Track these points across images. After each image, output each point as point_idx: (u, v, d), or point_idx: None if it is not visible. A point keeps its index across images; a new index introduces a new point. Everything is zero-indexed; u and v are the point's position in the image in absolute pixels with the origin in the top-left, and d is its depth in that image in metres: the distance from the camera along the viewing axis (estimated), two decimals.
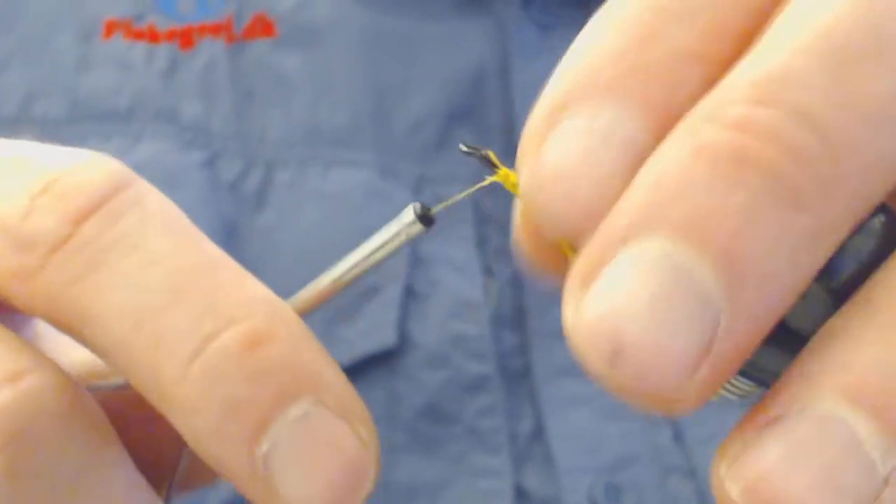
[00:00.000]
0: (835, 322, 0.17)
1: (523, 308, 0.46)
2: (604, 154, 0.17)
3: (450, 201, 0.22)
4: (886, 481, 0.16)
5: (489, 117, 0.49)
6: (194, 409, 0.19)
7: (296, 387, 0.20)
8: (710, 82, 0.17)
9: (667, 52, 0.18)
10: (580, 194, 0.17)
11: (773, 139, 0.16)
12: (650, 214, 0.16)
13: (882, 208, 0.18)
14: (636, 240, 0.16)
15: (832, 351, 0.16)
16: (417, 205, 0.21)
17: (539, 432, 0.44)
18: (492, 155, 0.20)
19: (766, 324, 0.16)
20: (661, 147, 0.17)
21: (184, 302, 0.20)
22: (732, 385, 0.20)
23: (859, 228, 0.17)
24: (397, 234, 0.21)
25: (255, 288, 0.21)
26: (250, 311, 0.20)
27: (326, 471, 0.20)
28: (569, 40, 0.19)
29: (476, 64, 0.49)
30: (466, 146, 0.21)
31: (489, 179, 0.20)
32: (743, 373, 0.19)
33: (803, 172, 0.16)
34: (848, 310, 0.17)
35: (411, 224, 0.21)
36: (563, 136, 0.18)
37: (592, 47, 0.18)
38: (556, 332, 0.50)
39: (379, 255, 0.22)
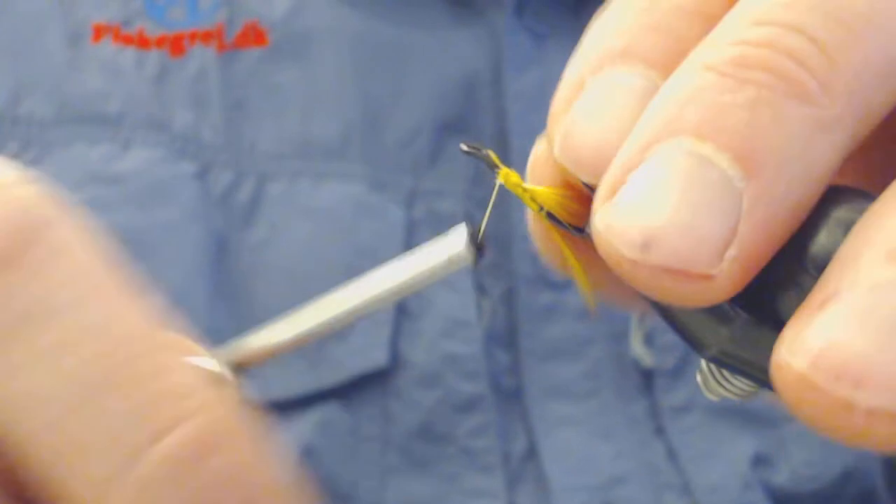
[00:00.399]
0: (872, 207, 0.18)
1: (515, 326, 0.45)
2: (623, 103, 0.19)
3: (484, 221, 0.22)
4: None
5: (482, 128, 0.48)
6: None
7: (248, 485, 0.18)
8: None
9: (669, 11, 0.20)
10: (607, 140, 0.19)
11: (773, 46, 0.18)
12: (668, 121, 0.18)
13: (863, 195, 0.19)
14: (658, 144, 0.18)
15: (872, 228, 0.17)
16: (468, 228, 0.20)
17: (532, 452, 0.44)
18: (493, 155, 0.21)
19: (784, 211, 0.18)
20: (672, 75, 0.19)
21: (113, 394, 0.17)
22: (733, 385, 0.20)
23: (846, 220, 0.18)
24: (440, 265, 0.20)
25: (195, 372, 0.18)
26: (194, 407, 0.17)
27: None
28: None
29: (468, 73, 0.48)
30: (467, 146, 0.21)
31: (493, 179, 0.21)
32: (743, 372, 0.19)
33: (803, 70, 0.18)
34: (879, 200, 0.18)
35: (460, 254, 0.20)
36: (586, 98, 0.20)
37: (605, 24, 0.20)
38: (548, 352, 0.50)
39: (411, 287, 0.20)
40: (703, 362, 0.20)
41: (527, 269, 0.46)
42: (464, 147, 0.21)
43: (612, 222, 0.18)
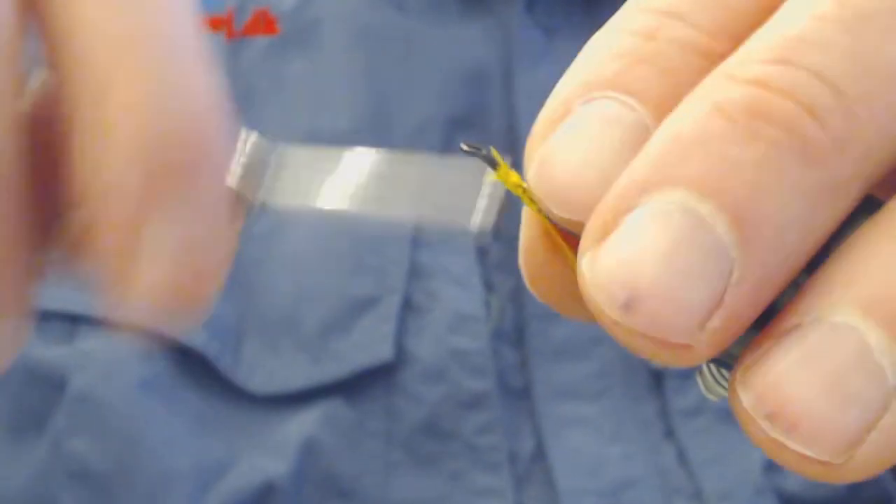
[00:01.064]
0: (852, 240, 0.17)
1: (524, 324, 0.45)
2: (609, 137, 0.18)
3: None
4: None
5: (492, 123, 0.47)
6: (124, 143, 0.18)
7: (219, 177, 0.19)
8: (707, 70, 0.18)
9: (668, 44, 0.18)
10: (585, 174, 0.18)
11: (791, 95, 0.17)
12: (668, 167, 0.17)
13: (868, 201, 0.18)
14: (654, 192, 0.17)
15: (847, 265, 0.17)
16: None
17: (540, 452, 0.43)
18: (494, 153, 0.20)
19: (778, 279, 0.17)
20: (679, 106, 0.17)
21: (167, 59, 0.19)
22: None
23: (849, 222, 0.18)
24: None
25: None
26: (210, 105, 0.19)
27: (190, 262, 0.19)
28: (573, 43, 0.19)
29: (479, 68, 0.48)
30: (467, 145, 0.20)
31: (489, 177, 0.20)
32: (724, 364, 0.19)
33: (820, 128, 0.16)
34: (864, 228, 0.17)
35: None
36: (569, 125, 0.18)
37: (597, 48, 0.19)
38: (557, 352, 0.49)
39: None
40: (703, 363, 0.20)
41: None
42: (464, 146, 0.20)
43: (596, 274, 0.17)
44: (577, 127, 0.18)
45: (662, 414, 0.44)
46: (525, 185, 0.20)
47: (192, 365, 0.43)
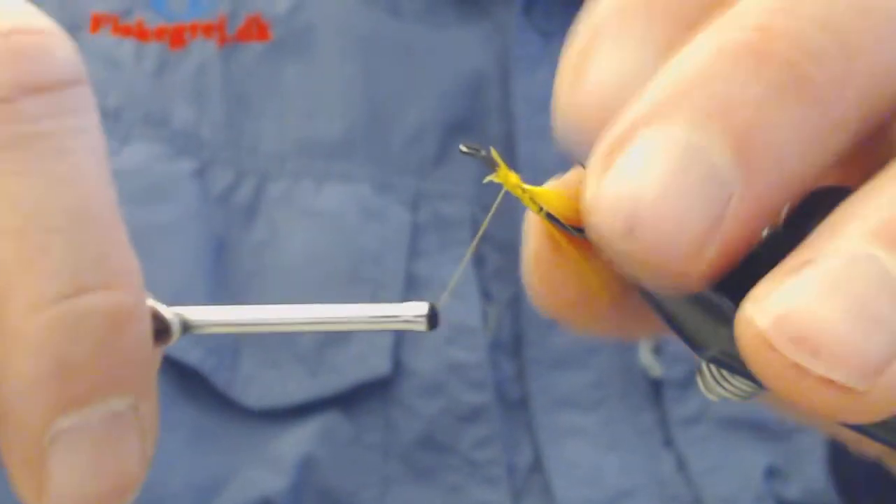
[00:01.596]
0: (858, 189, 0.18)
1: (521, 334, 0.44)
2: (633, 60, 0.19)
3: (451, 284, 0.23)
4: None
5: (489, 128, 0.47)
6: (28, 350, 0.17)
7: (129, 381, 0.18)
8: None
9: None
10: (610, 92, 0.19)
11: (793, 40, 0.17)
12: (673, 100, 0.17)
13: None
14: (658, 122, 0.17)
15: (859, 204, 0.17)
16: (432, 306, 0.21)
17: (537, 464, 0.43)
18: (494, 154, 0.20)
19: (772, 209, 0.17)
20: (686, 45, 0.18)
21: (79, 238, 0.18)
22: (732, 385, 0.20)
23: None
24: (396, 319, 0.20)
25: (136, 262, 0.19)
26: (130, 285, 0.18)
27: (104, 478, 0.18)
28: None
29: (476, 72, 0.47)
30: (466, 147, 0.21)
31: (489, 178, 0.21)
32: (742, 373, 0.19)
33: (819, 70, 0.17)
34: (871, 178, 0.18)
35: (417, 319, 0.20)
36: (599, 58, 0.19)
37: None
38: (555, 362, 0.49)
39: (362, 327, 0.21)
40: (703, 363, 0.20)
41: None
42: (463, 148, 0.21)
43: (599, 202, 0.18)
44: (602, 61, 0.19)
45: (661, 423, 0.44)
46: (525, 186, 0.20)
47: (188, 381, 0.42)
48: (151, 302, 0.20)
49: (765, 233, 0.19)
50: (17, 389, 0.18)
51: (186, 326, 0.20)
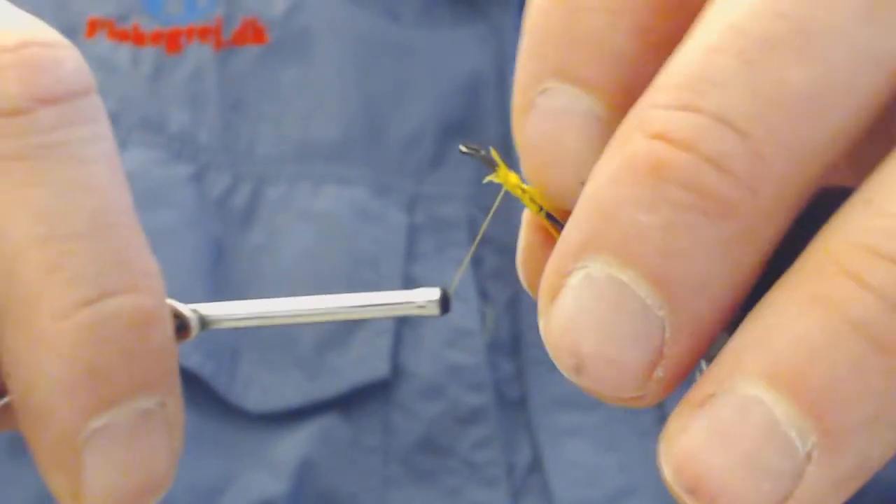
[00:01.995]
0: (765, 298, 0.17)
1: (520, 334, 0.44)
2: (566, 135, 0.19)
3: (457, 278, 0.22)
4: (809, 458, 0.16)
5: (486, 130, 0.47)
6: (58, 355, 0.18)
7: (155, 379, 0.19)
8: (644, 27, 0.18)
9: (596, 14, 0.18)
10: (557, 172, 0.19)
11: (692, 147, 0.16)
12: (591, 234, 0.17)
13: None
14: (583, 258, 0.17)
15: (758, 329, 0.17)
16: (444, 291, 0.21)
17: (536, 464, 0.43)
18: (494, 154, 0.20)
19: (713, 326, 0.17)
20: (602, 155, 0.18)
21: (101, 243, 0.18)
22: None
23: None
24: (409, 304, 0.21)
25: (155, 263, 0.20)
26: (151, 287, 0.19)
27: (137, 474, 0.19)
28: None
29: (473, 74, 0.47)
30: (466, 147, 0.21)
31: (489, 178, 0.21)
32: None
33: (725, 179, 0.16)
34: (774, 289, 0.17)
35: (429, 304, 0.21)
36: (533, 121, 0.19)
37: (536, 27, 0.19)
38: (552, 364, 0.49)
39: (376, 313, 0.21)
40: (702, 361, 0.20)
41: None
42: (462, 148, 0.21)
43: (548, 340, 0.18)
44: (538, 122, 0.19)
45: (660, 422, 0.44)
46: (525, 185, 0.20)
47: (187, 385, 0.42)
48: (169, 300, 0.20)
49: None
50: (50, 394, 0.18)
51: (204, 322, 0.21)
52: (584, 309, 0.17)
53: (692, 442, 0.17)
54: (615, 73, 0.18)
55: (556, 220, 0.20)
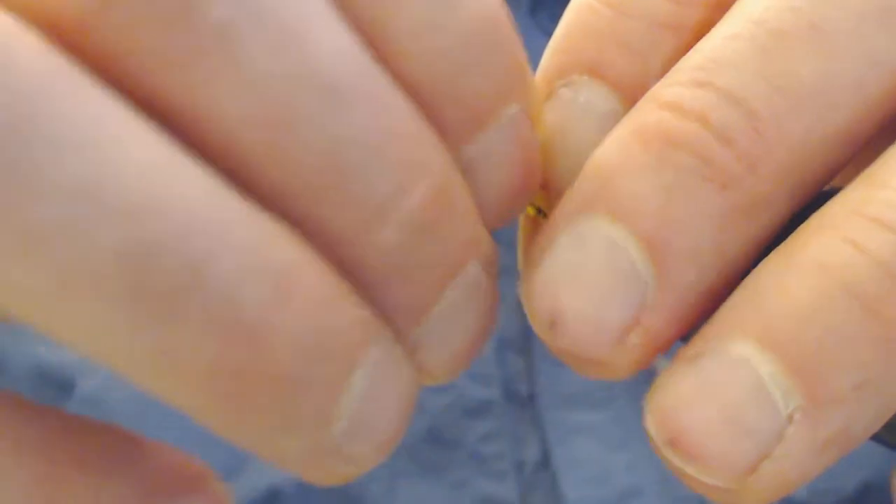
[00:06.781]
0: (760, 266, 0.17)
1: (529, 330, 0.45)
2: (583, 130, 0.19)
3: None
4: (790, 420, 0.16)
5: None
6: (387, 257, 0.16)
7: (472, 244, 0.18)
8: (684, 48, 0.19)
9: (640, 23, 0.19)
10: (566, 167, 0.19)
11: (701, 119, 0.17)
12: (591, 194, 0.18)
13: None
14: (577, 218, 0.18)
15: (751, 292, 0.17)
16: None
17: (545, 460, 0.43)
18: None
19: (695, 298, 0.17)
20: (613, 129, 0.18)
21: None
22: None
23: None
24: None
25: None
26: (431, 159, 0.17)
27: (466, 349, 0.18)
28: None
29: None
30: None
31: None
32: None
33: (728, 152, 0.17)
34: (775, 251, 0.17)
35: None
36: (552, 110, 0.19)
37: (573, 23, 0.20)
38: (562, 362, 0.48)
39: None
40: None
41: None
42: None
43: (527, 297, 0.18)
44: (557, 112, 0.19)
45: None
46: None
47: None
48: None
49: None
50: (392, 298, 0.17)
51: None
52: (569, 265, 0.17)
53: (677, 396, 0.17)
54: (645, 82, 0.19)
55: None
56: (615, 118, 0.19)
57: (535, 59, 0.53)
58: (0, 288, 0.14)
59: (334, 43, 0.16)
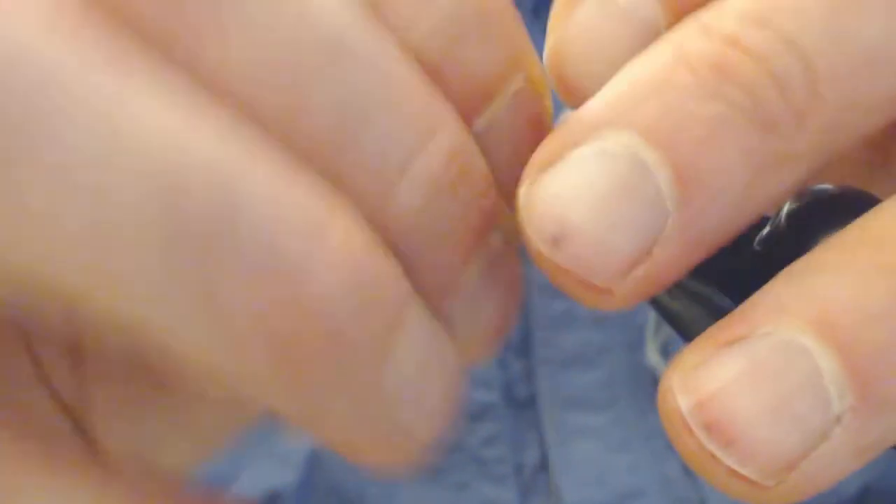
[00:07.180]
0: (816, 254, 0.17)
1: (530, 334, 0.45)
2: (619, 34, 0.18)
3: None
4: (839, 420, 0.16)
5: None
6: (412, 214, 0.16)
7: (492, 219, 0.18)
8: None
9: None
10: (591, 70, 0.18)
11: (759, 59, 0.16)
12: (623, 109, 0.16)
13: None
14: (604, 131, 0.16)
15: (809, 281, 0.16)
16: None
17: (545, 463, 0.43)
18: None
19: (711, 240, 0.17)
20: (649, 48, 0.17)
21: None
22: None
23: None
24: None
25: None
26: (444, 118, 0.17)
27: (497, 323, 0.18)
28: None
29: None
30: None
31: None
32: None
33: (781, 97, 0.16)
34: (833, 244, 0.17)
35: None
36: (587, 8, 0.18)
37: None
38: (563, 361, 0.49)
39: None
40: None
41: (541, 275, 0.45)
42: None
43: (530, 203, 0.17)
44: (592, 10, 0.18)
45: None
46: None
47: None
48: None
49: (766, 231, 0.19)
50: (429, 244, 0.17)
51: None
52: (588, 180, 0.16)
53: (721, 378, 0.16)
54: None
55: None
56: (655, 30, 0.18)
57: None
58: (44, 261, 0.14)
59: (333, 3, 0.16)
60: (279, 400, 0.15)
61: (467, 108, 0.17)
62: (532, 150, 0.18)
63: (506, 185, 0.18)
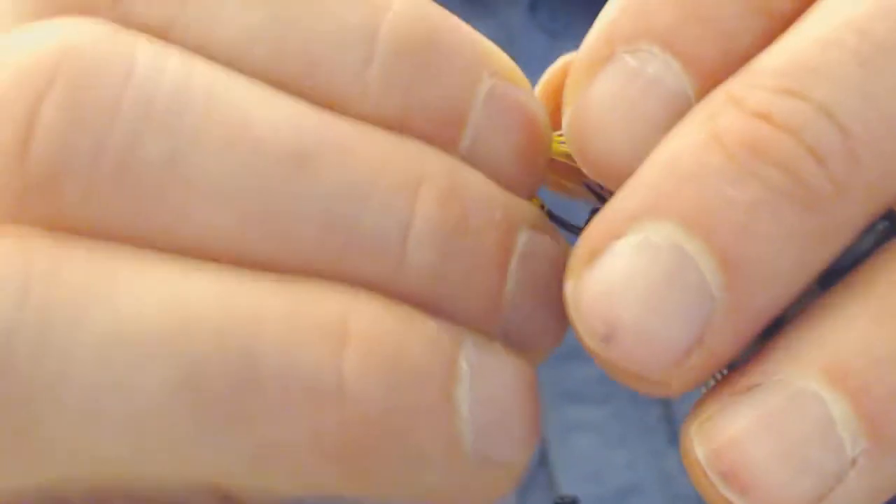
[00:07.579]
0: (826, 300, 0.17)
1: None
2: (646, 106, 0.17)
3: None
4: (853, 463, 0.16)
5: None
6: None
7: (514, 220, 0.18)
8: (768, 37, 0.17)
9: (728, 1, 0.17)
10: (616, 144, 0.17)
11: (795, 133, 0.16)
12: (661, 198, 0.16)
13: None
14: (644, 221, 0.16)
15: (820, 328, 0.16)
16: None
17: (544, 458, 0.43)
18: None
19: (762, 320, 0.16)
20: (679, 125, 0.17)
21: None
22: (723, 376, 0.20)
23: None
24: None
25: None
26: (423, 165, 0.17)
27: (554, 311, 0.18)
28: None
29: None
30: None
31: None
32: (733, 365, 0.19)
33: (821, 172, 0.16)
34: (841, 291, 0.17)
35: None
36: (610, 78, 0.17)
37: None
38: (563, 356, 0.48)
39: None
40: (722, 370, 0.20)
41: None
42: None
43: (579, 303, 0.17)
44: (616, 80, 0.17)
45: (666, 419, 0.44)
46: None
47: None
48: None
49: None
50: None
51: None
52: (633, 275, 0.16)
53: (735, 426, 0.16)
54: (724, 68, 0.17)
55: (557, 218, 0.20)
56: (684, 103, 0.17)
57: (533, 58, 0.52)
58: (89, 462, 0.15)
59: (277, 115, 0.16)
60: (372, 491, 0.16)
61: (445, 137, 0.17)
62: (526, 130, 0.18)
63: (514, 174, 0.18)
